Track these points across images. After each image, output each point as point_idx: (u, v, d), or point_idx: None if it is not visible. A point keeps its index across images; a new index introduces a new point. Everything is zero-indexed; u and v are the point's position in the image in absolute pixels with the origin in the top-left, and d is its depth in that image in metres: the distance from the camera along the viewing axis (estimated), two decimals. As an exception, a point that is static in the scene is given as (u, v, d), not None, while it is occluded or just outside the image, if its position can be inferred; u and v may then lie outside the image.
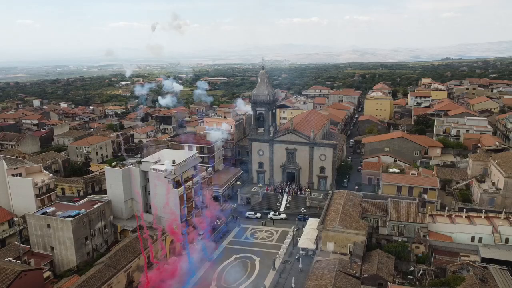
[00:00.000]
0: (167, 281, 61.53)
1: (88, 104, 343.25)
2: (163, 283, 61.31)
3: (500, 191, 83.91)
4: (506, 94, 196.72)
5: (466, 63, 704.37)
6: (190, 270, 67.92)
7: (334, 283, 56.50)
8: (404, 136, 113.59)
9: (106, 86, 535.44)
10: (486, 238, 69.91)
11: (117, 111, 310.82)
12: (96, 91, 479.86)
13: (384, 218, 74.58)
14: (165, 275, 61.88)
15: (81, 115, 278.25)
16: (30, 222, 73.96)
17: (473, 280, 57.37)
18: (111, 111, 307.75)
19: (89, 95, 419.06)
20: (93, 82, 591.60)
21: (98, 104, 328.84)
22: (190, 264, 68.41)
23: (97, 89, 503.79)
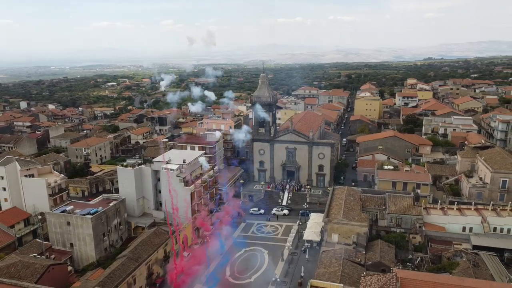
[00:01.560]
0: (194, 267, 66.73)
1: (76, 105, 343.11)
2: (190, 269, 66.46)
3: (487, 185, 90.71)
4: (488, 94, 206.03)
5: (447, 63, 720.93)
6: (221, 252, 75.28)
7: (342, 270, 61.93)
8: (397, 135, 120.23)
9: (92, 87, 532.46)
10: (476, 227, 76.35)
11: (106, 112, 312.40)
12: (82, 92, 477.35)
13: (383, 211, 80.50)
14: (192, 261, 66.87)
15: (71, 116, 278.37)
16: (49, 220, 77.57)
17: (467, 265, 63.53)
18: (100, 113, 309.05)
19: (75, 97, 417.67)
20: (78, 83, 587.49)
21: (87, 106, 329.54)
22: (221, 248, 75.59)
23: (83, 90, 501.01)
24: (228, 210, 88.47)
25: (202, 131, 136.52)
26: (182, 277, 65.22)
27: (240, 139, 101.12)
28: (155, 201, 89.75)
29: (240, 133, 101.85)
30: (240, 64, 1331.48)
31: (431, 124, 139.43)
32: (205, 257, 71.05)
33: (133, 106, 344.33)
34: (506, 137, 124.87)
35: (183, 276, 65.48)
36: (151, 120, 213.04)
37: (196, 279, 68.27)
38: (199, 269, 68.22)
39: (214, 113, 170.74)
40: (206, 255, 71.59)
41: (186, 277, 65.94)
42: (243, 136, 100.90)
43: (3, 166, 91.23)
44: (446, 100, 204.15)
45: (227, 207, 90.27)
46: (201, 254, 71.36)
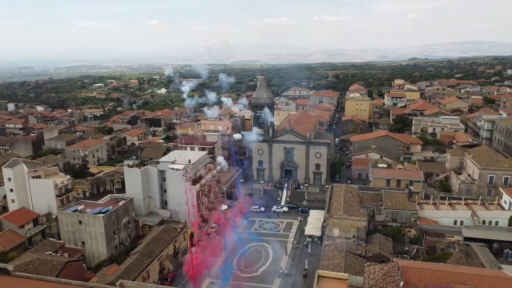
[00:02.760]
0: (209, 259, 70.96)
1: (64, 107, 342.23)
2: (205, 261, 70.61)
3: (475, 181, 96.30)
4: (473, 94, 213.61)
5: (432, 63, 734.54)
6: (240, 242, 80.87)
7: (345, 262, 66.29)
8: (389, 135, 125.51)
9: (79, 89, 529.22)
10: (466, 221, 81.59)
11: (96, 114, 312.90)
12: (69, 93, 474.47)
13: (379, 206, 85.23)
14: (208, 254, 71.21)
15: (61, 118, 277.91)
16: (61, 219, 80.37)
17: (459, 255, 68.43)
18: (90, 114, 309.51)
19: (62, 98, 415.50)
20: (64, 84, 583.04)
21: (76, 107, 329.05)
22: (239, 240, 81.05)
23: (69, 91, 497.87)
24: (241, 206, 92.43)
25: (200, 132, 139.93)
26: (198, 268, 68.90)
27: (252, 140, 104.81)
28: (161, 200, 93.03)
29: (252, 135, 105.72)
30: (226, 64, 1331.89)
31: (420, 124, 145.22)
32: (221, 249, 74.92)
33: (122, 107, 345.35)
34: (491, 135, 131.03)
35: (199, 267, 69.17)
36: (145, 121, 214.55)
37: (210, 271, 72.01)
38: (214, 261, 71.91)
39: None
40: (221, 248, 75.37)
41: (201, 268, 69.73)
42: (254, 137, 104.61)
43: (11, 168, 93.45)
44: (433, 100, 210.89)
45: (240, 203, 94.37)
46: (217, 246, 75.13)
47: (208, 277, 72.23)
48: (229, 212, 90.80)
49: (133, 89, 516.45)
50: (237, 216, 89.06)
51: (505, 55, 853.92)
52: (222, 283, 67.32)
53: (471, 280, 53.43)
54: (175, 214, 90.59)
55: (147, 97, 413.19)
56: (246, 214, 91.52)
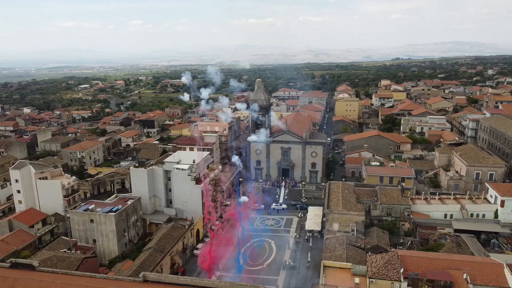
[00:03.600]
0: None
1: (50, 108, 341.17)
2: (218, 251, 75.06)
3: (463, 177, 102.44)
4: (457, 94, 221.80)
5: (415, 63, 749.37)
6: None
7: (347, 253, 71.09)
8: (380, 134, 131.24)
9: (64, 90, 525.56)
10: (456, 214, 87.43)
11: (84, 115, 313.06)
12: (54, 95, 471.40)
13: (375, 202, 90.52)
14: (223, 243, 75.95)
15: (49, 120, 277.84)
16: (73, 218, 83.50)
17: (451, 245, 74.01)
18: (78, 116, 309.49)
19: (48, 100, 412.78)
20: (49, 85, 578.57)
21: (64, 109, 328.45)
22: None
23: (54, 93, 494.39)
24: (252, 202, 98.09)
25: (198, 133, 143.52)
26: (213, 260, 73.25)
27: (262, 141, 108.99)
28: (166, 199, 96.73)
29: (261, 136, 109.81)
30: (212, 64, 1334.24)
31: (409, 123, 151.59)
32: (233, 242, 79.36)
33: (110, 109, 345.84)
34: (476, 134, 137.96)
35: (214, 259, 73.58)
36: (139, 122, 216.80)
37: (219, 265, 76.25)
38: (226, 253, 76.22)
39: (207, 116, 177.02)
40: (233, 241, 79.80)
41: (216, 259, 74.15)
42: (263, 138, 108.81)
43: (18, 169, 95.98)
44: (418, 100, 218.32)
45: (251, 200, 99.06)
46: (231, 239, 79.57)
47: (217, 270, 76.33)
48: (242, 207, 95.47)
49: (120, 90, 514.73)
50: (250, 211, 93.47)
51: (485, 55, 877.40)
52: (236, 273, 71.48)
53: (463, 266, 59.01)
54: (180, 212, 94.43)
55: (135, 98, 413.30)
56: (258, 209, 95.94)
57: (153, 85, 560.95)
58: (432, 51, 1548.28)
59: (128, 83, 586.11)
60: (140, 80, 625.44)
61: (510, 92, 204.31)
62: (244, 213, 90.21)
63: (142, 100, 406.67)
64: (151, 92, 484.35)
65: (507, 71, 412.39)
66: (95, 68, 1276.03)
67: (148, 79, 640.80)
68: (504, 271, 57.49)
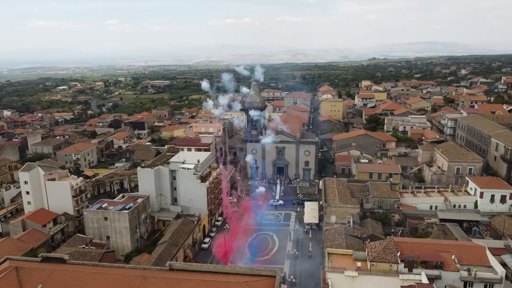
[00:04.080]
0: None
1: (30, 111, 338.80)
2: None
3: (445, 172, 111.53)
4: (434, 94, 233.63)
5: (391, 63, 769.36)
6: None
7: (346, 242, 78.44)
8: (367, 133, 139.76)
9: (42, 91, 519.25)
10: (440, 205, 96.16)
11: (66, 118, 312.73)
12: (32, 96, 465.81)
13: (367, 196, 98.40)
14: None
15: (31, 122, 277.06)
16: (87, 217, 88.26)
17: (438, 233, 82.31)
18: (61, 118, 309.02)
19: (26, 102, 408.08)
20: (25, 87, 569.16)
21: (46, 111, 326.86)
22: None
23: (32, 94, 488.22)
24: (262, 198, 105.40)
25: (192, 134, 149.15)
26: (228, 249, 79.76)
27: (269, 142, 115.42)
28: (172, 197, 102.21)
29: (268, 137, 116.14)
30: (190, 65, 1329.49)
31: (392, 123, 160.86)
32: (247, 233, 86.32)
33: (92, 111, 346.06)
34: (454, 132, 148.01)
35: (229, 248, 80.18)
36: (129, 124, 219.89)
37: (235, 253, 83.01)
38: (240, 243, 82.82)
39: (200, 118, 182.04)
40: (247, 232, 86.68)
41: (230, 249, 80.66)
42: (271, 139, 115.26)
43: (27, 171, 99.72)
44: (398, 100, 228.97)
45: (263, 194, 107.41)
46: (244, 230, 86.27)
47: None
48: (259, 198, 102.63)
49: (99, 91, 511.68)
50: (261, 204, 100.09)
51: (458, 55, 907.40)
52: (250, 259, 78.01)
53: (451, 249, 67.03)
54: (186, 209, 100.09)
55: (116, 100, 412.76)
56: (268, 203, 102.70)
57: (133, 86, 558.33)
58: (406, 51, 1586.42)
59: (108, 84, 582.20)
60: (120, 81, 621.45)
61: (484, 92, 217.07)
62: (260, 204, 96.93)
63: (123, 102, 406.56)
64: (132, 94, 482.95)
65: (479, 71, 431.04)
66: (71, 68, 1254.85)
67: (127, 80, 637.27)
68: (486, 252, 65.67)
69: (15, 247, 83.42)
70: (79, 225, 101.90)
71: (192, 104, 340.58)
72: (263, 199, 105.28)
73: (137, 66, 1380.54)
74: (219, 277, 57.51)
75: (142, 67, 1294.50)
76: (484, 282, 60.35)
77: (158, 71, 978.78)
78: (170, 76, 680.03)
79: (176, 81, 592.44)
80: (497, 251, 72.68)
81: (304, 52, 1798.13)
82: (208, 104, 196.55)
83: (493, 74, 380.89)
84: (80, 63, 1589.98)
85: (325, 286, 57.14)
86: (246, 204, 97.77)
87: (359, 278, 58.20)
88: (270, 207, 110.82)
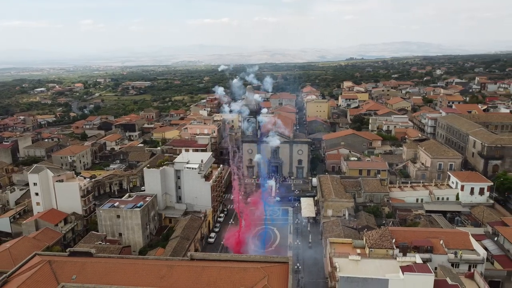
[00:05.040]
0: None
1: (9, 113, 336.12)
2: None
3: (428, 168, 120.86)
4: (413, 95, 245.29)
5: (368, 63, 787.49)
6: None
7: (343, 232, 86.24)
8: (355, 133, 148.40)
9: (19, 94, 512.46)
10: (425, 198, 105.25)
11: (49, 120, 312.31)
12: (9, 99, 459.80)
13: (359, 191, 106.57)
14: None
15: (14, 125, 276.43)
16: (100, 215, 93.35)
17: (425, 223, 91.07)
18: (43, 120, 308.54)
19: (3, 104, 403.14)
20: (1, 89, 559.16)
21: (28, 114, 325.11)
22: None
23: (9, 96, 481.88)
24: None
25: (188, 136, 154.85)
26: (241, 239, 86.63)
27: (275, 143, 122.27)
28: (176, 196, 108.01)
29: (274, 139, 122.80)
30: (168, 65, 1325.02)
31: (376, 123, 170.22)
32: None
33: (74, 113, 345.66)
34: (434, 131, 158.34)
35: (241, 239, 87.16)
36: (120, 126, 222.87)
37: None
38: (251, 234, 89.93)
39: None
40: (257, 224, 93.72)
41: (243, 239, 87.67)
42: (277, 142, 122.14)
43: (36, 173, 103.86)
44: (380, 100, 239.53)
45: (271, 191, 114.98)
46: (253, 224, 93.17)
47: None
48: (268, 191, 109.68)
49: (79, 93, 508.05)
50: (269, 199, 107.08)
51: (432, 55, 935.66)
52: (261, 248, 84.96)
53: (439, 235, 75.52)
54: (191, 206, 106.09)
55: (97, 102, 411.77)
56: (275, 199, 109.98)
57: (114, 87, 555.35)
58: (382, 51, 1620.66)
59: (87, 86, 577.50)
60: (99, 83, 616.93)
61: (459, 92, 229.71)
62: (269, 197, 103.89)
63: (105, 104, 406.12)
64: (113, 95, 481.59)
65: (453, 71, 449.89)
66: (45, 69, 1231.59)
67: (107, 82, 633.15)
68: (469, 238, 74.40)
69: (31, 245, 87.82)
70: (87, 224, 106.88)
71: (176, 106, 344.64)
72: (267, 195, 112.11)
73: (114, 66, 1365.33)
74: (237, 264, 64.49)
75: (120, 67, 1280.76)
76: (469, 263, 68.89)
77: (137, 71, 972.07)
78: (150, 77, 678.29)
79: (157, 82, 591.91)
80: (478, 237, 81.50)
81: (282, 52, 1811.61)
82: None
83: (467, 74, 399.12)
84: (55, 63, 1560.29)
85: (333, 268, 64.46)
86: (254, 199, 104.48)
87: (361, 261, 65.79)
88: (268, 204, 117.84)
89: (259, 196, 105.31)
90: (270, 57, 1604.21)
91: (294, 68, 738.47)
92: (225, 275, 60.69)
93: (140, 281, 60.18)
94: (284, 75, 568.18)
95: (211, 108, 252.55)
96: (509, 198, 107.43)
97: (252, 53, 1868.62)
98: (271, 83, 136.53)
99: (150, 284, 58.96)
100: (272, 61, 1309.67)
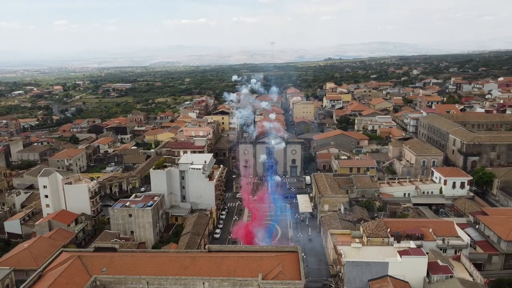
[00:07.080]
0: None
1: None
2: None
3: (413, 165, 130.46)
4: (394, 95, 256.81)
5: (347, 63, 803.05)
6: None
7: (341, 225, 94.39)
8: (343, 133, 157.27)
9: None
10: (412, 193, 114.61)
11: (31, 124, 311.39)
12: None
13: (352, 187, 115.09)
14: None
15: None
16: (113, 214, 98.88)
17: (413, 215, 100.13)
18: (26, 124, 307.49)
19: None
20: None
21: (10, 117, 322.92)
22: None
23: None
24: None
25: (183, 138, 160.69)
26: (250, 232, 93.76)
27: (280, 145, 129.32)
28: (181, 195, 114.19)
29: (278, 141, 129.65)
30: (146, 66, 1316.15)
31: (361, 123, 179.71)
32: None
33: (57, 116, 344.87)
34: (416, 130, 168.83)
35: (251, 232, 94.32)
36: (111, 129, 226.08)
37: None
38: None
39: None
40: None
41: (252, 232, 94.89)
42: (281, 144, 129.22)
43: (47, 176, 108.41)
44: (362, 101, 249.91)
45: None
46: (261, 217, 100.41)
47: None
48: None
49: (59, 96, 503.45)
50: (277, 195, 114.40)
51: (408, 55, 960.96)
52: (268, 240, 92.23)
53: (428, 225, 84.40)
54: (195, 205, 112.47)
55: (79, 104, 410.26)
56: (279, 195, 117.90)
57: (94, 90, 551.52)
58: (359, 51, 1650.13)
59: (67, 88, 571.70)
60: (78, 85, 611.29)
61: (437, 92, 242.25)
62: (275, 191, 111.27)
63: (87, 106, 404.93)
64: (94, 98, 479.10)
65: (429, 71, 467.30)
66: (19, 71, 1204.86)
67: (86, 84, 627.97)
68: (455, 226, 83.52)
69: (48, 244, 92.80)
70: (95, 224, 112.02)
71: (160, 108, 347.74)
72: (274, 192, 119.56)
73: (91, 68, 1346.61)
74: (251, 254, 71.83)
75: (96, 69, 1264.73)
76: (455, 248, 77.80)
77: (114, 73, 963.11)
78: (130, 79, 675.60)
79: (137, 84, 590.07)
80: (461, 226, 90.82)
81: (260, 53, 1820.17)
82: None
83: (442, 74, 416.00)
84: (28, 65, 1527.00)
85: (339, 255, 72.36)
86: (260, 196, 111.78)
87: (363, 248, 73.97)
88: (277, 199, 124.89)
89: (265, 193, 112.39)
90: (249, 57, 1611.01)
91: (274, 69, 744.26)
92: (243, 264, 67.99)
93: (167, 271, 66.78)
94: (265, 75, 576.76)
95: (199, 110, 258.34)
96: (487, 191, 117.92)
97: (231, 54, 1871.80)
98: (277, 92, 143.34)
99: (177, 274, 65.55)
100: (251, 61, 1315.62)
